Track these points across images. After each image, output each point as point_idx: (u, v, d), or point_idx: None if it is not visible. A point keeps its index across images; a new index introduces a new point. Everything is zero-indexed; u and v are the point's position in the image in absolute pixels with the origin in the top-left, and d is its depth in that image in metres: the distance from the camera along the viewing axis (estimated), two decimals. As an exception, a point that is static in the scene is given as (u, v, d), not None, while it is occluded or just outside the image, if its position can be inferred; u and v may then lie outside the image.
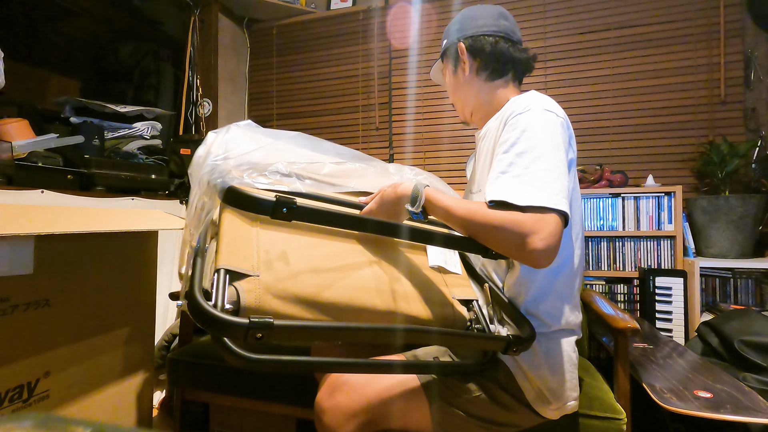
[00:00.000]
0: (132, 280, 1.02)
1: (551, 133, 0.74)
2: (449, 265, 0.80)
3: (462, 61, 0.94)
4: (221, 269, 0.54)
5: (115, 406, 0.98)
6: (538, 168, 0.70)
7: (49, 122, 1.83)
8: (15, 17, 1.91)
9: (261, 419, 1.26)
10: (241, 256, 0.57)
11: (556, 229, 0.67)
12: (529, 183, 0.69)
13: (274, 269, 0.58)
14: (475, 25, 0.93)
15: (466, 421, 0.80)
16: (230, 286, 0.54)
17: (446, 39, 0.99)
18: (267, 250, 0.60)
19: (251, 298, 0.54)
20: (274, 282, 0.56)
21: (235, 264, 0.55)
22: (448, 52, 0.98)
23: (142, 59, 2.30)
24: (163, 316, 1.92)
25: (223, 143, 0.72)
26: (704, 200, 1.76)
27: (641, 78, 2.05)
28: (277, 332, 0.50)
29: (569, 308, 0.83)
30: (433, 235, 0.72)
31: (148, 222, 0.98)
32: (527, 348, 0.74)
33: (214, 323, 0.47)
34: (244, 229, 0.63)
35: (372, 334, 0.60)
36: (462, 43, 0.93)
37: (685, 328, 1.74)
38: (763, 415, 0.87)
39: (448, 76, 0.99)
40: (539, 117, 0.75)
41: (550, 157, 0.71)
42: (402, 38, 2.43)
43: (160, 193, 2.01)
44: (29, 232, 0.66)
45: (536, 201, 0.67)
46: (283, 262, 0.60)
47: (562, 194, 0.69)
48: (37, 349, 0.80)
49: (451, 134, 2.36)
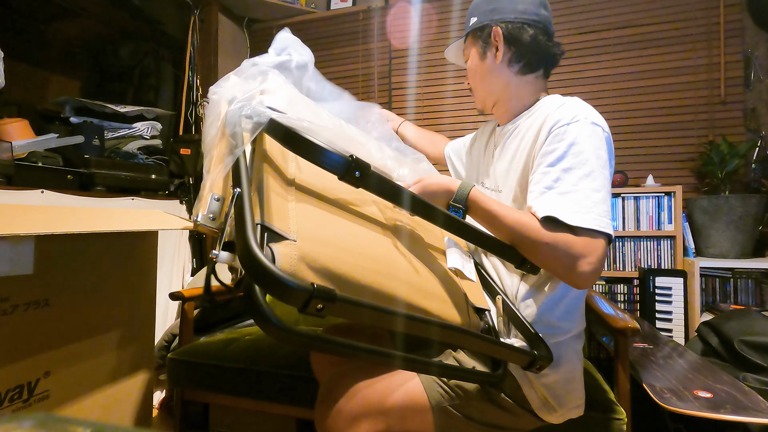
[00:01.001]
0: (132, 280, 1.02)
1: (599, 150, 0.72)
2: (466, 270, 0.78)
3: (494, 47, 0.85)
4: (261, 225, 0.48)
5: (116, 406, 0.98)
6: (586, 187, 0.70)
7: (49, 122, 1.83)
8: (15, 17, 1.91)
9: (261, 419, 1.26)
10: (277, 217, 0.51)
11: (603, 254, 0.68)
12: (578, 202, 0.69)
13: (310, 239, 0.52)
14: (513, 10, 0.84)
15: (467, 425, 0.79)
16: (266, 246, 0.48)
17: (475, 16, 0.88)
18: (303, 218, 0.54)
19: (287, 264, 0.47)
20: (310, 251, 0.50)
21: (274, 223, 0.50)
22: (479, 33, 0.87)
23: (142, 59, 2.30)
24: (163, 316, 1.92)
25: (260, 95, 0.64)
26: (704, 200, 1.76)
27: (641, 78, 2.05)
28: (338, 306, 0.45)
29: (580, 315, 0.83)
30: (477, 232, 0.70)
31: (148, 222, 0.98)
32: (546, 367, 0.73)
33: (276, 284, 0.42)
34: (279, 191, 0.56)
35: (420, 327, 0.58)
36: (498, 28, 0.84)
37: (685, 328, 1.74)
38: (763, 415, 0.87)
39: (473, 59, 0.90)
40: (587, 131, 0.73)
41: (599, 176, 0.70)
42: (402, 38, 2.43)
43: (160, 193, 2.01)
44: (29, 232, 0.66)
45: (587, 223, 0.68)
46: (319, 234, 0.54)
47: (608, 216, 0.69)
48: (37, 349, 0.80)
49: (451, 134, 2.35)
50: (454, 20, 2.34)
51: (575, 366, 0.81)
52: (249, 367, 1.20)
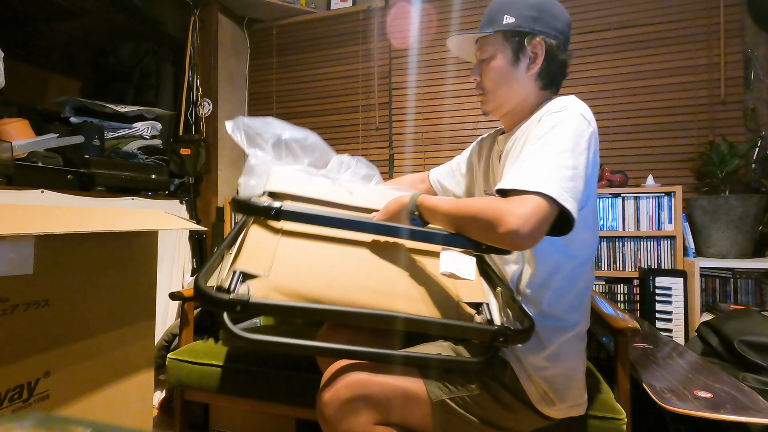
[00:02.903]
0: (132, 280, 1.02)
1: (579, 138, 0.73)
2: (461, 272, 0.80)
3: (530, 57, 0.84)
4: (236, 271, 0.66)
5: (115, 406, 0.98)
6: (553, 162, 0.69)
7: (49, 122, 1.83)
8: (15, 17, 1.91)
9: (261, 419, 1.26)
10: (257, 261, 0.68)
11: (537, 210, 0.65)
12: (533, 171, 0.68)
13: (283, 272, 0.68)
14: (554, 26, 0.83)
15: (466, 421, 0.79)
16: (243, 284, 0.64)
17: (511, 16, 0.83)
18: (283, 256, 0.71)
19: (259, 293, 0.64)
20: (281, 281, 0.66)
21: (251, 267, 0.67)
22: (514, 35, 0.84)
23: (142, 59, 2.30)
24: (163, 316, 1.93)
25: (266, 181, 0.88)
26: (704, 200, 1.76)
27: (641, 78, 2.05)
28: (253, 307, 0.61)
29: (585, 310, 0.84)
30: (438, 235, 0.74)
31: (148, 222, 0.98)
32: (521, 341, 0.71)
33: (204, 297, 0.61)
34: (267, 239, 0.75)
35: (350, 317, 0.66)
36: (542, 41, 0.82)
37: (685, 328, 1.74)
38: (763, 415, 0.87)
39: (500, 61, 0.86)
40: (573, 119, 0.74)
41: (569, 157, 0.70)
42: (402, 38, 2.43)
43: (160, 193, 2.01)
44: (29, 232, 0.66)
45: (527, 186, 0.66)
46: (293, 265, 0.70)
47: (567, 190, 0.67)
48: (37, 349, 0.80)
49: (451, 134, 2.36)
50: (455, 20, 2.34)
51: (575, 364, 0.82)
52: (249, 367, 1.20)
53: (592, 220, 0.82)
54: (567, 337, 0.80)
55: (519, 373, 0.80)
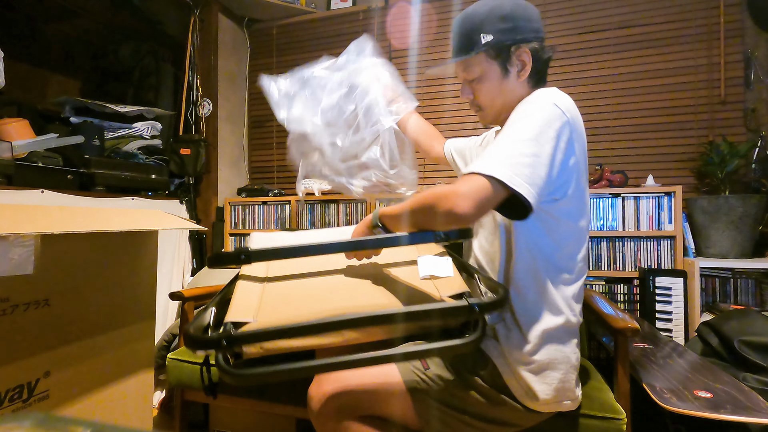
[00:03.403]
0: (132, 280, 1.02)
1: (546, 126, 0.73)
2: (439, 271, 0.81)
3: (518, 65, 0.86)
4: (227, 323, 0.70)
5: (115, 406, 0.98)
6: (511, 149, 0.71)
7: (49, 122, 1.83)
8: (15, 17, 1.91)
9: (261, 419, 1.26)
10: (245, 309, 0.74)
11: (479, 189, 0.67)
12: (492, 157, 0.70)
13: (268, 313, 0.73)
14: (531, 29, 0.85)
15: (445, 413, 0.82)
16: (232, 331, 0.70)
17: (489, 34, 0.84)
18: (268, 300, 0.77)
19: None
20: (265, 321, 0.70)
21: (239, 316, 0.71)
22: (496, 51, 0.85)
23: (142, 59, 2.30)
24: (163, 316, 1.93)
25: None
26: (704, 200, 1.76)
27: (641, 78, 2.05)
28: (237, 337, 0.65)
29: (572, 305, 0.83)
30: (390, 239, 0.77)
31: (148, 222, 0.98)
32: (496, 308, 0.69)
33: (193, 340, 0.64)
34: (254, 287, 0.81)
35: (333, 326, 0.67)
36: (527, 48, 0.84)
37: (685, 328, 1.74)
38: (763, 415, 0.87)
39: (490, 77, 0.88)
40: (544, 109, 0.75)
41: (532, 144, 0.71)
42: (402, 38, 2.43)
43: (160, 193, 2.01)
44: (29, 232, 0.66)
45: (480, 170, 0.68)
46: (276, 306, 0.75)
47: (521, 176, 0.68)
48: (37, 349, 0.80)
49: (451, 134, 2.35)
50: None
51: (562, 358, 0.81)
52: (249, 367, 1.20)
53: (576, 211, 0.82)
54: (550, 331, 0.80)
55: (502, 368, 0.81)
